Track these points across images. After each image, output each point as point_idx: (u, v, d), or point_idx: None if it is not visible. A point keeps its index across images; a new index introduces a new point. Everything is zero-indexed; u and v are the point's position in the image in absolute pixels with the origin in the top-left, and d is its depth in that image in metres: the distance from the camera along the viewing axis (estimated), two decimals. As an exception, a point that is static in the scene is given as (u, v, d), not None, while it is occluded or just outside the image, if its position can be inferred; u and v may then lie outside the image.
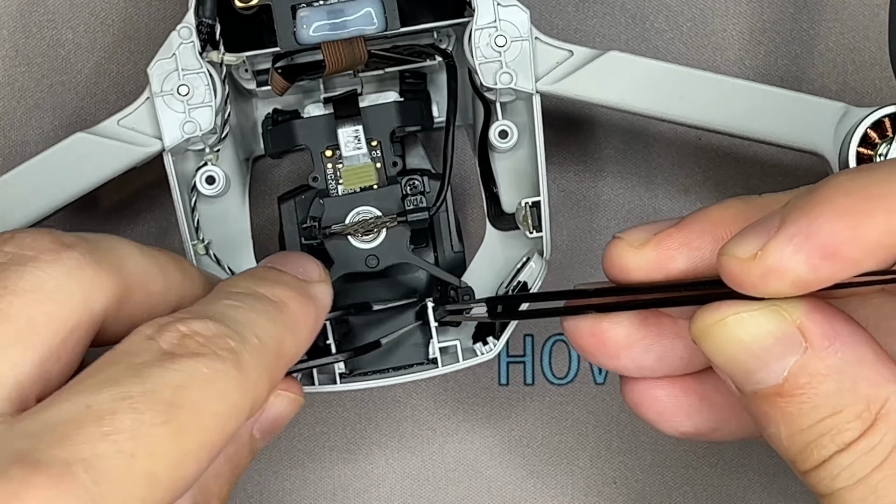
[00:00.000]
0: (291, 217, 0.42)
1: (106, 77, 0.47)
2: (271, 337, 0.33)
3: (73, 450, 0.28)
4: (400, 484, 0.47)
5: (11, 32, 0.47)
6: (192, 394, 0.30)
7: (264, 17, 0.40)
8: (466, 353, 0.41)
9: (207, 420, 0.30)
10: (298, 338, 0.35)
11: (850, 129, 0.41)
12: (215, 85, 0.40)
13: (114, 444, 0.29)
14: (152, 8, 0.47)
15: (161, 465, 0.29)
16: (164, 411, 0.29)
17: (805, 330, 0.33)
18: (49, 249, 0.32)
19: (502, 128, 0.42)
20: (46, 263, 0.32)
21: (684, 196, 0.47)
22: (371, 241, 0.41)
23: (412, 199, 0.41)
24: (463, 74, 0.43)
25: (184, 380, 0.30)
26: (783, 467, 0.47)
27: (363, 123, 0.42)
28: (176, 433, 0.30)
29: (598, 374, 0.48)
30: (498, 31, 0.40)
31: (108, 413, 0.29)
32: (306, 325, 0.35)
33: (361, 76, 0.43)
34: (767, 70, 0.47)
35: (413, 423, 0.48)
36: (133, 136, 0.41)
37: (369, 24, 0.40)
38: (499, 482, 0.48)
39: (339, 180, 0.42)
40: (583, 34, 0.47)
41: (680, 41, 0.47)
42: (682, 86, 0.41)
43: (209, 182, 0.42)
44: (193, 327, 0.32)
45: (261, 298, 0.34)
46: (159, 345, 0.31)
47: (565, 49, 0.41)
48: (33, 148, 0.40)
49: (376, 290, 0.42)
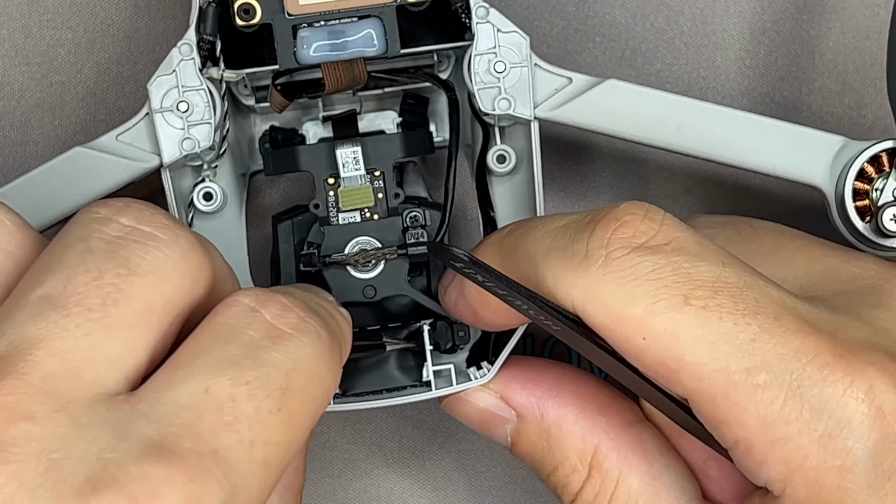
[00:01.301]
0: (288, 238, 0.42)
1: (106, 77, 0.47)
2: (337, 324, 0.35)
3: (201, 441, 0.28)
4: (400, 484, 0.47)
5: (11, 32, 0.47)
6: (301, 377, 0.30)
7: (265, 35, 0.40)
8: (460, 377, 0.41)
9: (310, 404, 0.31)
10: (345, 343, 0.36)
11: (847, 163, 0.41)
12: (215, 102, 0.40)
13: (236, 434, 0.29)
14: (152, 8, 0.47)
15: (274, 452, 0.29)
16: (279, 398, 0.29)
17: (509, 401, 0.40)
18: (166, 226, 0.32)
19: (500, 152, 0.42)
20: (165, 244, 0.31)
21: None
22: (369, 271, 0.41)
23: (413, 233, 0.41)
24: (462, 97, 0.43)
25: (294, 362, 0.30)
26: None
27: (365, 152, 0.42)
28: (287, 420, 0.30)
29: (598, 373, 0.48)
30: (497, 56, 0.40)
31: (229, 400, 0.29)
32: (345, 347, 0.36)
33: (361, 95, 0.43)
34: (767, 70, 0.47)
35: (413, 424, 0.48)
36: (131, 152, 0.41)
37: (370, 46, 0.40)
38: (499, 482, 0.48)
39: (339, 208, 0.42)
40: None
41: (680, 41, 0.47)
42: (681, 115, 0.41)
43: (206, 198, 0.42)
44: (284, 301, 0.32)
45: (317, 294, 0.36)
46: (264, 317, 0.31)
47: (564, 76, 0.41)
48: (33, 148, 0.40)
49: (368, 314, 0.42)
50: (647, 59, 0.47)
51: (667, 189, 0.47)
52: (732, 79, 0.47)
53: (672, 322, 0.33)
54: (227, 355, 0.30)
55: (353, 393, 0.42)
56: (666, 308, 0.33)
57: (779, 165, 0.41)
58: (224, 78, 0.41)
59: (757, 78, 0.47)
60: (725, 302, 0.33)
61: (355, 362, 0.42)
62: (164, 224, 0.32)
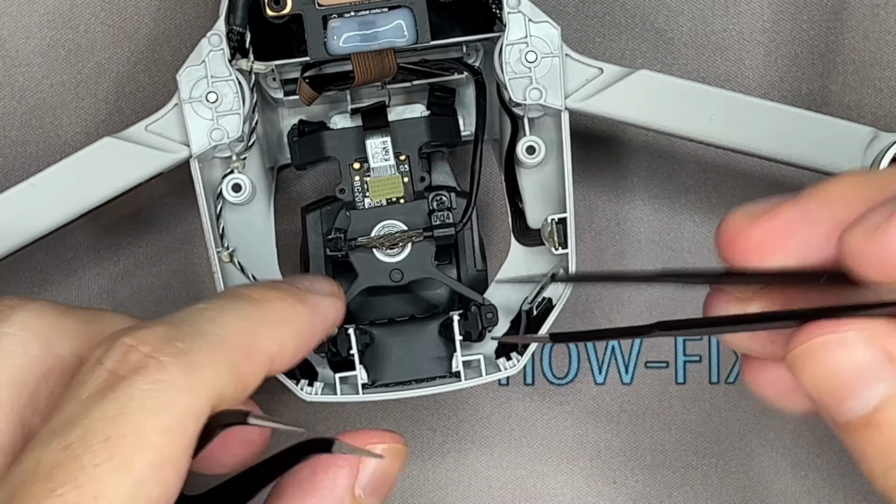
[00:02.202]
0: (316, 228, 0.42)
1: (106, 77, 0.47)
2: (237, 332, 0.33)
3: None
4: (400, 484, 0.47)
5: (11, 32, 0.47)
6: (133, 417, 0.30)
7: (294, 27, 0.40)
8: (489, 368, 0.41)
9: (154, 438, 0.30)
10: (280, 334, 0.34)
11: (879, 154, 0.41)
12: (244, 93, 0.40)
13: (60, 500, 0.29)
14: (153, 8, 0.47)
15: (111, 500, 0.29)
16: (102, 449, 0.29)
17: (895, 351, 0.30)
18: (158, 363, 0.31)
19: (530, 143, 0.42)
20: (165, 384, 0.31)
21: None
22: (396, 255, 0.41)
23: (439, 215, 0.41)
24: (490, 89, 0.43)
25: (122, 406, 0.30)
26: (784, 468, 0.47)
27: (392, 137, 0.42)
28: (121, 466, 0.29)
29: (598, 374, 0.47)
30: (529, 46, 0.40)
31: (54, 467, 0.29)
32: (293, 324, 0.35)
33: (389, 88, 0.43)
34: (767, 70, 0.47)
35: (413, 424, 0.47)
36: (160, 142, 0.41)
37: (400, 37, 0.40)
38: (499, 482, 0.47)
39: (365, 192, 0.42)
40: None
41: (680, 41, 0.47)
42: (712, 106, 0.41)
43: (235, 190, 0.42)
44: (140, 336, 0.32)
45: (236, 297, 0.35)
46: (105, 367, 0.31)
47: (595, 66, 0.41)
48: (33, 148, 0.40)
49: (398, 304, 0.42)
50: (646, 59, 0.47)
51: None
52: (732, 79, 0.47)
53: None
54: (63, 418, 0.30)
55: (381, 384, 0.42)
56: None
57: (810, 157, 0.41)
58: (253, 70, 0.41)
59: (757, 78, 0.47)
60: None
61: (383, 354, 0.42)
62: (162, 351, 0.32)
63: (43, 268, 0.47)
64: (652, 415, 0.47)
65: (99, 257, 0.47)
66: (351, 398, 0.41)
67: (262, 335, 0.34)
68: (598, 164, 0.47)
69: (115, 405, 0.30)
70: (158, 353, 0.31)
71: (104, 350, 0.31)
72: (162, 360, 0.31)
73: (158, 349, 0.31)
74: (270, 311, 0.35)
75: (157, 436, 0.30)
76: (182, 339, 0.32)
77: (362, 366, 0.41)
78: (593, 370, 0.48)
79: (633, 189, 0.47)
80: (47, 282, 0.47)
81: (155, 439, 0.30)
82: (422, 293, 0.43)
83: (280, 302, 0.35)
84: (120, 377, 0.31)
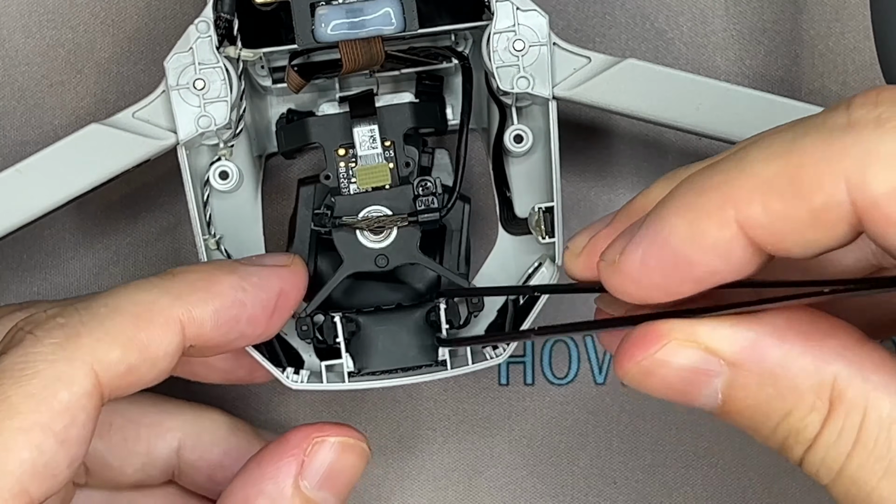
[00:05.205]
0: (308, 202, 0.42)
1: (106, 77, 0.47)
2: (132, 302, 0.35)
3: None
4: (400, 484, 0.47)
5: (11, 32, 0.47)
6: (2, 388, 0.33)
7: (282, 14, 0.40)
8: (476, 356, 0.41)
9: (19, 403, 0.32)
10: (191, 301, 0.36)
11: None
12: (231, 80, 0.40)
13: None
14: (152, 8, 0.47)
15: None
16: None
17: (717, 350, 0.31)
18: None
19: (517, 132, 0.42)
20: (35, 355, 0.34)
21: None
22: (381, 240, 0.41)
23: (424, 200, 0.41)
24: (479, 78, 0.43)
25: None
26: (784, 468, 0.47)
27: (378, 123, 0.42)
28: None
29: (598, 373, 0.48)
30: (516, 35, 0.40)
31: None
32: (209, 291, 0.36)
33: (377, 76, 0.43)
34: (767, 70, 0.47)
35: (413, 423, 0.47)
36: (147, 129, 0.41)
37: (388, 25, 0.40)
38: (498, 482, 0.47)
39: (351, 179, 0.42)
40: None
41: (680, 41, 0.47)
42: (700, 96, 0.41)
43: (222, 177, 0.42)
44: (30, 318, 0.35)
45: (158, 274, 0.37)
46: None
47: (583, 55, 0.41)
48: (33, 148, 0.40)
49: (384, 292, 0.42)
50: (646, 59, 0.47)
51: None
52: (732, 79, 0.47)
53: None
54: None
55: (367, 372, 0.42)
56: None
57: (797, 147, 0.41)
58: (241, 57, 0.40)
59: (757, 78, 0.47)
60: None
61: (369, 342, 0.42)
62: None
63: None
64: (652, 415, 0.48)
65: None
66: (337, 386, 0.41)
67: (166, 303, 0.36)
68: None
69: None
70: (36, 329, 0.34)
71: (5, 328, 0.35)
72: (36, 334, 0.34)
73: (38, 326, 0.34)
74: (181, 280, 0.36)
75: (22, 401, 0.32)
76: (63, 315, 0.35)
77: (348, 354, 0.41)
78: (593, 370, 0.48)
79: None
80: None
81: (19, 404, 0.32)
82: (409, 281, 0.43)
83: (194, 273, 0.37)
84: (0, 354, 0.34)
